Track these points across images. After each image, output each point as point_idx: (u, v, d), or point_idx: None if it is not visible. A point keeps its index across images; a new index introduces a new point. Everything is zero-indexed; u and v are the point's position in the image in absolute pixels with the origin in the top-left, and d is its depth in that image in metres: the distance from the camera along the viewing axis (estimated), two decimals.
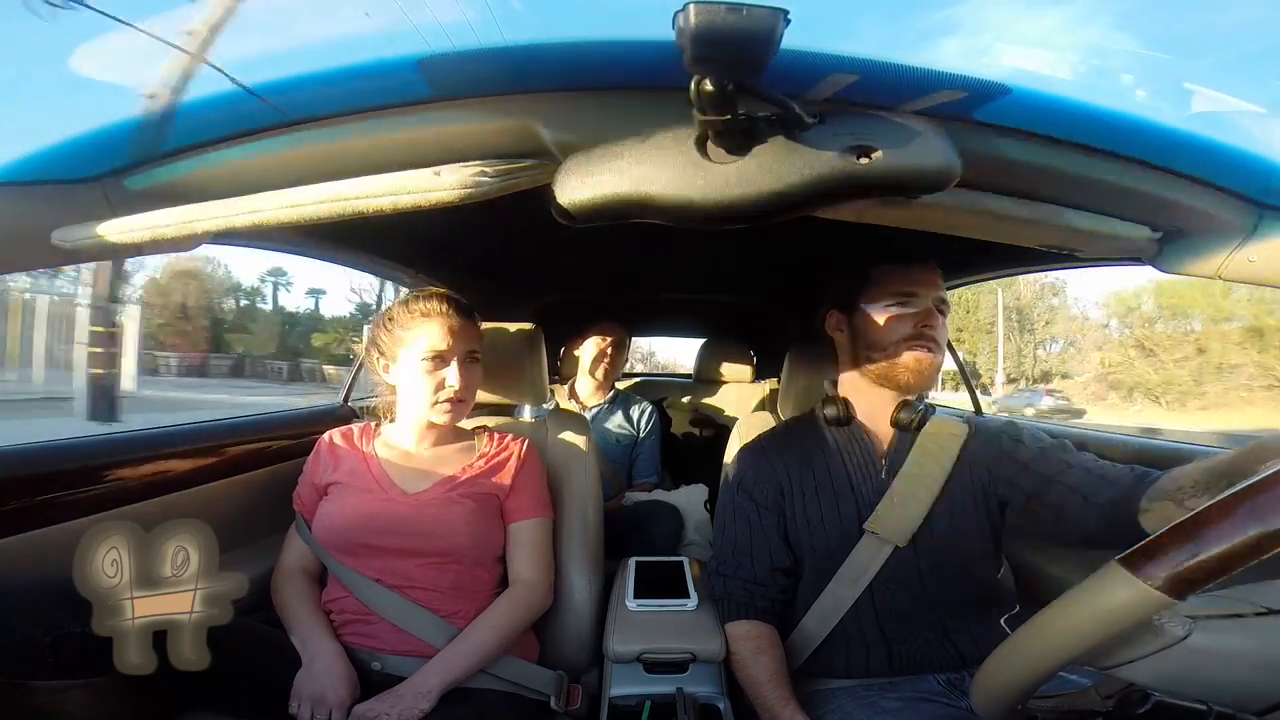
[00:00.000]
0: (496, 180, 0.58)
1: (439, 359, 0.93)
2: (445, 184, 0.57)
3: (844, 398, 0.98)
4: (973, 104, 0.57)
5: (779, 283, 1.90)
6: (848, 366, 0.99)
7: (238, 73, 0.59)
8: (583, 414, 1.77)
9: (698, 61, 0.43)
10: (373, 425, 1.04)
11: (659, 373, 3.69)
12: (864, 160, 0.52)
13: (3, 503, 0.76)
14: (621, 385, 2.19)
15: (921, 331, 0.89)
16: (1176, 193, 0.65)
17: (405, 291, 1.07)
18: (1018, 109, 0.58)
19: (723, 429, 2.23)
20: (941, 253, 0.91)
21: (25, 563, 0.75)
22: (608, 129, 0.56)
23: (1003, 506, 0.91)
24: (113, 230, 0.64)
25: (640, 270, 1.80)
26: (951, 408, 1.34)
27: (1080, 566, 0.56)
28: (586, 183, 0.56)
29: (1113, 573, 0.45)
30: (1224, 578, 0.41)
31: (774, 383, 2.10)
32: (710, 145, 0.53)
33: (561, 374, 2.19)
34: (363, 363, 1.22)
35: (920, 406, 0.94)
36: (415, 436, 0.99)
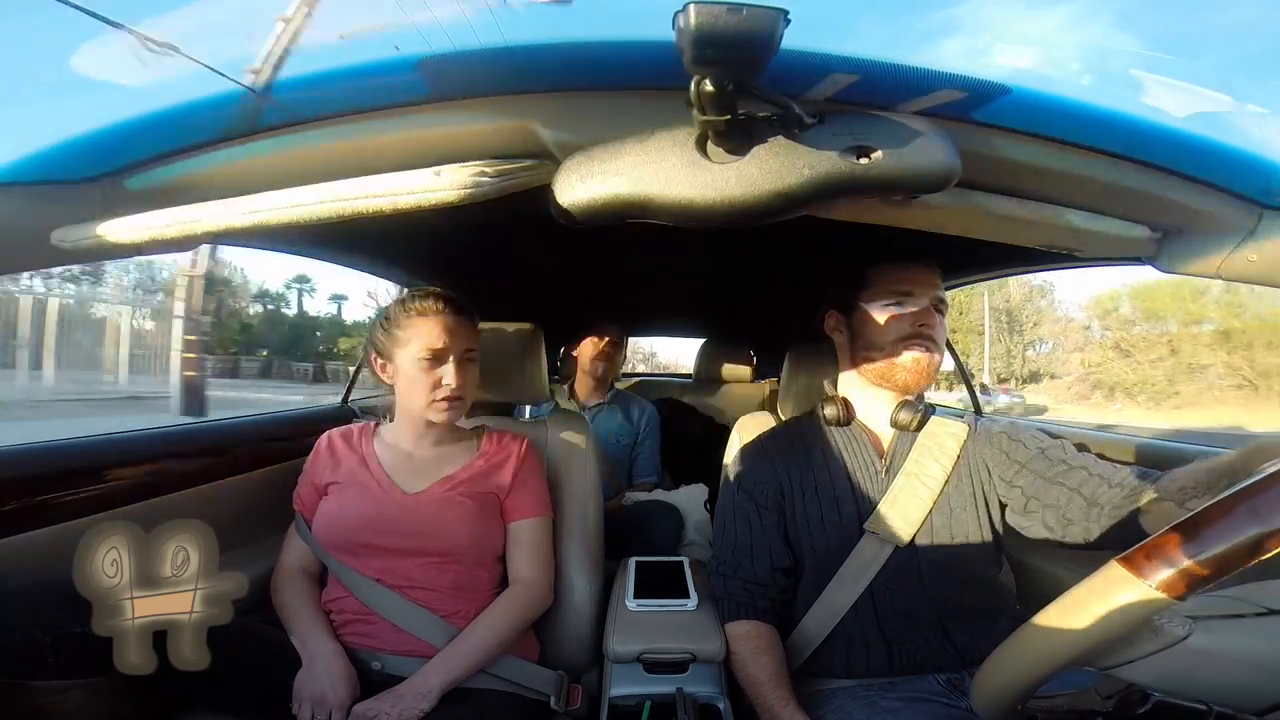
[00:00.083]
0: (496, 180, 0.58)
1: (435, 358, 0.93)
2: (445, 184, 0.57)
3: (844, 398, 0.98)
4: (973, 104, 0.57)
5: (779, 283, 1.90)
6: (847, 366, 0.99)
7: (237, 73, 0.59)
8: (582, 414, 1.78)
9: (698, 62, 0.43)
10: (372, 425, 1.04)
11: (659, 373, 3.68)
12: (864, 160, 0.52)
13: (3, 503, 0.76)
14: (622, 385, 2.19)
15: (919, 331, 0.89)
16: (1176, 193, 0.65)
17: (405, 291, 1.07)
18: (1018, 109, 0.58)
19: (723, 429, 2.22)
20: (941, 253, 0.91)
21: (25, 563, 0.75)
22: (608, 129, 0.56)
23: (1003, 507, 0.91)
24: (113, 230, 0.64)
25: (640, 270, 1.80)
26: (949, 407, 1.34)
27: (1080, 566, 0.56)
28: (586, 183, 0.56)
29: (1113, 573, 0.45)
30: (1224, 578, 0.41)
31: (774, 383, 2.10)
32: (710, 145, 0.53)
33: (561, 374, 2.19)
34: (362, 363, 1.22)
35: (920, 406, 0.94)
36: (415, 436, 0.99)
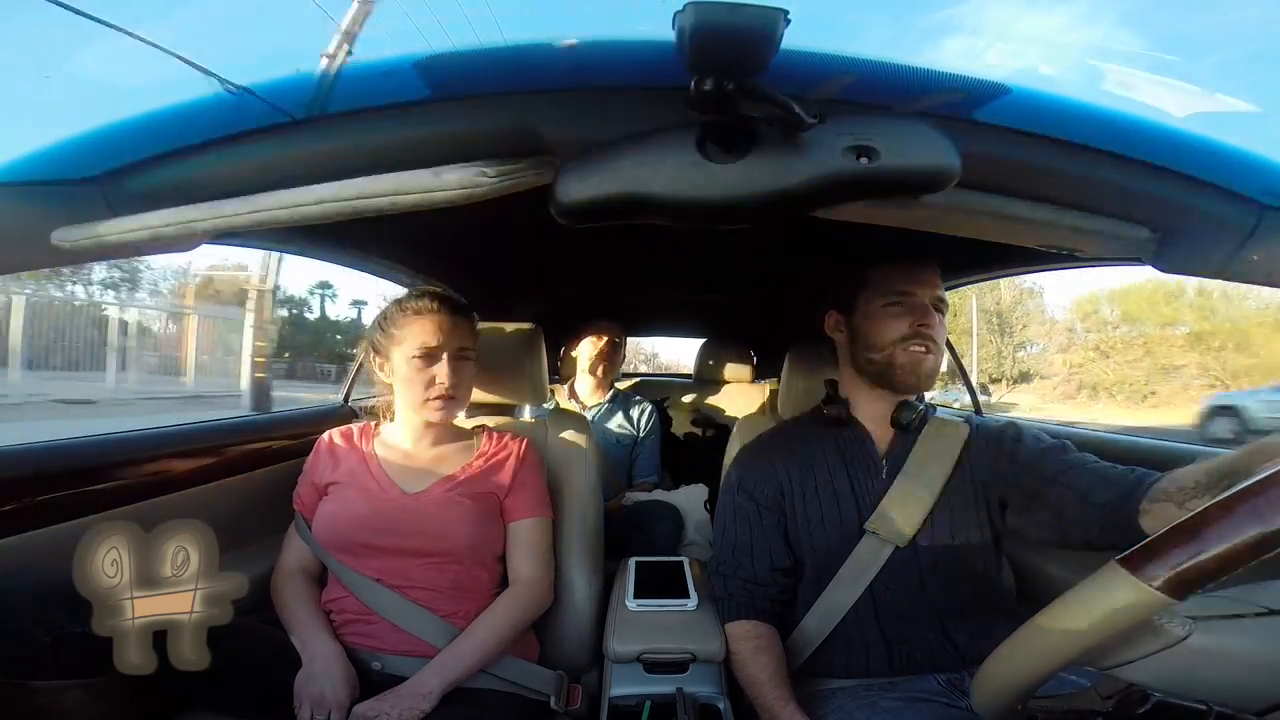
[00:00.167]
0: (496, 180, 0.58)
1: (429, 356, 0.93)
2: (445, 184, 0.57)
3: (844, 398, 0.98)
4: (973, 104, 0.57)
5: (779, 283, 1.90)
6: (847, 366, 0.99)
7: (237, 73, 0.59)
8: (583, 414, 1.78)
9: (698, 62, 0.43)
10: (372, 425, 1.04)
11: (659, 373, 3.68)
12: (864, 160, 0.52)
13: (2, 503, 0.76)
14: (622, 385, 2.19)
15: (918, 331, 0.89)
16: (1176, 193, 0.64)
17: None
18: (1018, 109, 0.58)
19: (723, 429, 2.23)
20: (941, 253, 0.91)
21: (25, 563, 0.75)
22: (608, 129, 0.56)
23: (1003, 507, 0.91)
24: (113, 230, 0.64)
25: (640, 270, 1.80)
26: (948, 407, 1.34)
27: (1080, 566, 0.56)
28: (586, 183, 0.56)
29: (1113, 573, 0.45)
30: (1224, 578, 0.41)
31: (774, 383, 2.10)
32: (710, 145, 0.53)
33: (561, 374, 2.19)
34: (362, 363, 1.22)
35: (920, 406, 0.94)
36: (414, 436, 0.99)
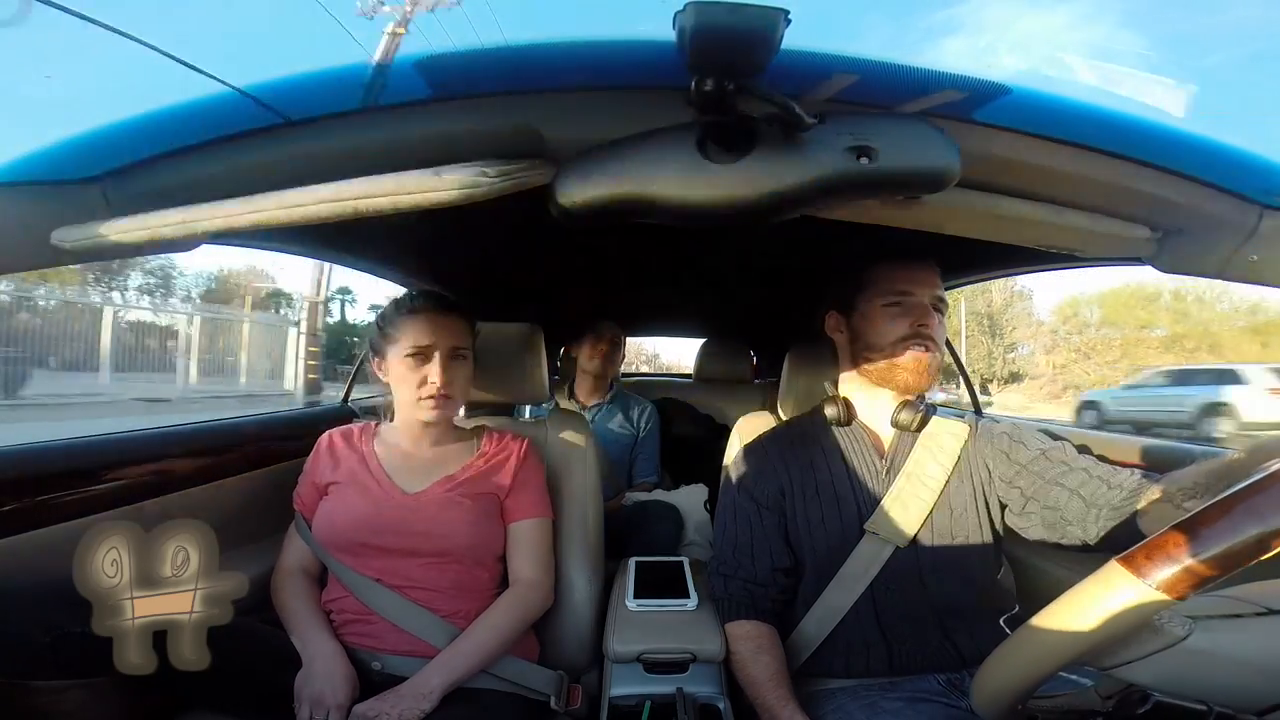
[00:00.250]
0: (496, 180, 0.58)
1: (421, 355, 0.94)
2: (445, 184, 0.57)
3: (844, 398, 0.98)
4: (973, 104, 0.57)
5: (778, 283, 1.90)
6: (847, 367, 0.99)
7: (237, 73, 0.59)
8: (582, 413, 1.77)
9: (698, 62, 0.43)
10: (373, 425, 1.04)
11: (659, 373, 3.68)
12: (864, 160, 0.52)
13: (2, 503, 0.76)
14: (622, 385, 2.19)
15: (918, 331, 0.89)
16: (1176, 193, 0.65)
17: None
18: (1018, 109, 0.58)
19: (723, 429, 2.23)
20: (941, 253, 0.91)
21: (25, 563, 0.75)
22: (608, 129, 0.56)
23: (1002, 507, 0.91)
24: (113, 230, 0.64)
25: (640, 270, 1.80)
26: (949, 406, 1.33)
27: (1080, 566, 0.56)
28: (586, 183, 0.56)
29: (1113, 573, 0.45)
30: (1224, 578, 0.41)
31: (774, 383, 2.09)
32: (710, 145, 0.53)
33: (561, 374, 2.19)
34: (361, 363, 1.22)
35: (921, 407, 0.94)
36: (414, 436, 0.99)
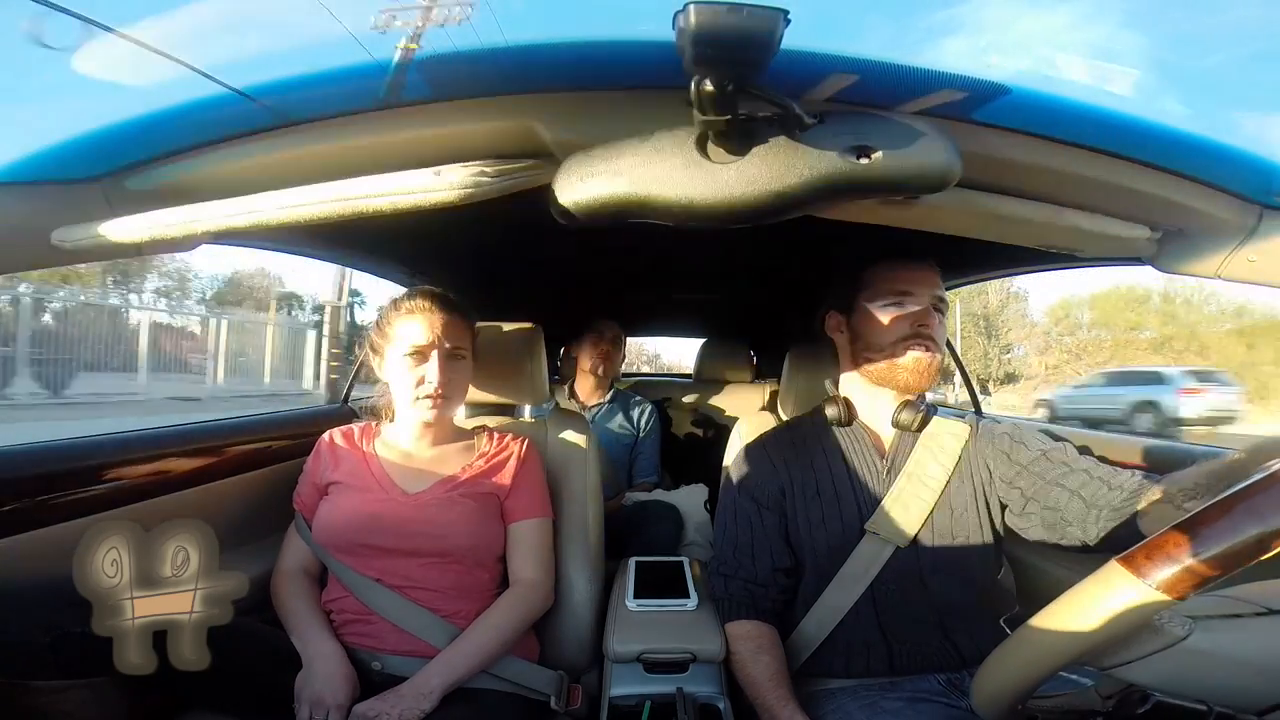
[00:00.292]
0: (496, 180, 0.58)
1: (419, 354, 0.94)
2: (445, 184, 0.57)
3: (845, 398, 0.98)
4: (973, 104, 0.57)
5: (779, 283, 1.90)
6: (848, 367, 0.99)
7: (237, 73, 0.59)
8: (583, 414, 1.77)
9: (698, 62, 0.43)
10: (373, 425, 1.04)
11: (660, 373, 3.68)
12: (864, 160, 0.52)
13: (2, 503, 0.76)
14: (622, 385, 2.19)
15: (918, 331, 0.89)
16: (1176, 193, 0.65)
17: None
18: (1018, 109, 0.58)
19: (723, 429, 2.23)
20: (941, 253, 0.91)
21: (25, 563, 0.75)
22: (608, 129, 0.56)
23: (1003, 508, 0.91)
24: (113, 230, 0.64)
25: (640, 270, 1.80)
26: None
27: (1080, 566, 0.56)
28: (586, 183, 0.56)
29: (1113, 573, 0.45)
30: (1224, 577, 0.41)
31: (774, 383, 2.10)
32: (710, 145, 0.53)
33: (561, 374, 2.19)
34: (361, 362, 1.22)
35: (922, 407, 0.94)
36: (414, 436, 0.99)
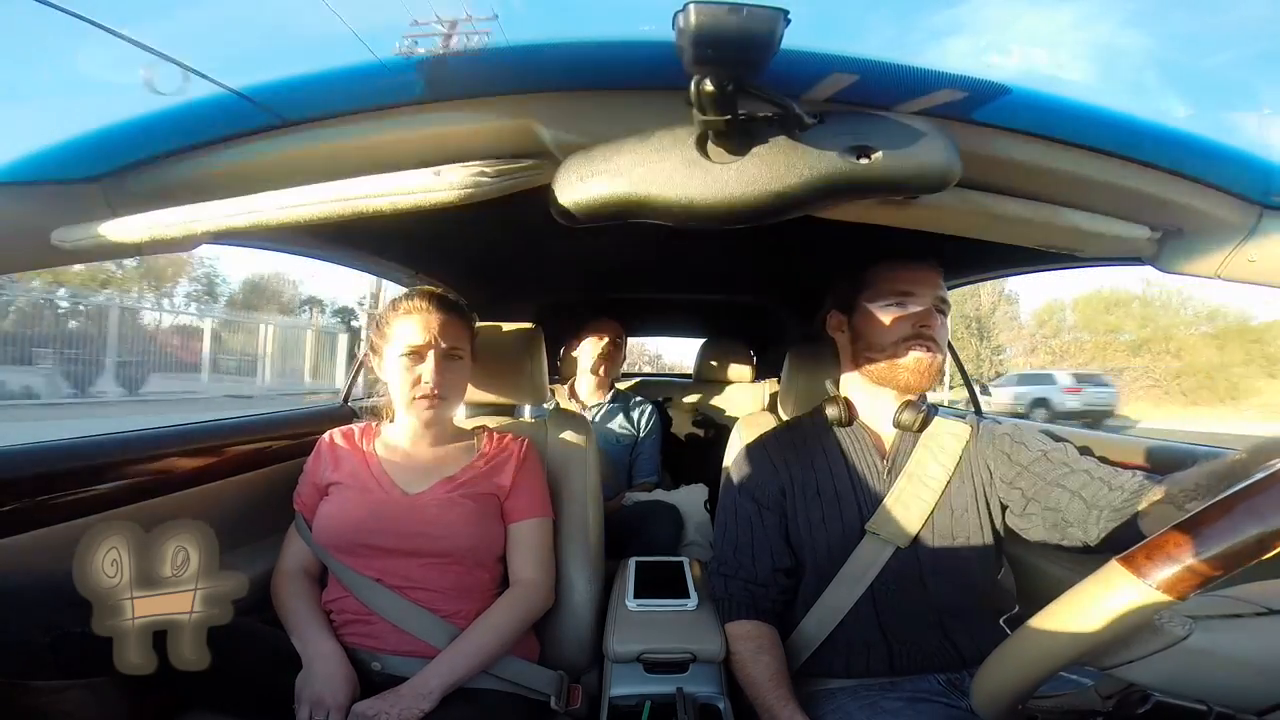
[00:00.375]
0: (496, 180, 0.58)
1: (415, 354, 0.94)
2: (445, 184, 0.57)
3: (845, 398, 0.98)
4: (973, 104, 0.57)
5: (779, 283, 1.90)
6: (849, 367, 0.99)
7: (237, 73, 0.59)
8: (583, 414, 1.77)
9: (698, 62, 0.43)
10: (373, 425, 1.04)
11: (660, 373, 3.69)
12: (864, 160, 0.52)
13: (2, 503, 0.76)
14: (622, 385, 2.19)
15: (920, 331, 0.89)
16: (1176, 193, 0.65)
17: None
18: (1018, 109, 0.58)
19: (723, 429, 2.23)
20: (941, 253, 0.91)
21: (25, 563, 0.75)
22: (608, 129, 0.56)
23: (1003, 508, 0.91)
24: (113, 230, 0.64)
25: (640, 270, 1.80)
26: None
27: (1080, 566, 0.56)
28: (586, 183, 0.56)
29: (1113, 573, 0.45)
30: (1224, 577, 0.41)
31: (774, 383, 2.10)
32: (710, 145, 0.53)
33: (561, 374, 2.19)
34: (361, 363, 1.22)
35: (923, 407, 0.94)
36: (414, 436, 0.99)
